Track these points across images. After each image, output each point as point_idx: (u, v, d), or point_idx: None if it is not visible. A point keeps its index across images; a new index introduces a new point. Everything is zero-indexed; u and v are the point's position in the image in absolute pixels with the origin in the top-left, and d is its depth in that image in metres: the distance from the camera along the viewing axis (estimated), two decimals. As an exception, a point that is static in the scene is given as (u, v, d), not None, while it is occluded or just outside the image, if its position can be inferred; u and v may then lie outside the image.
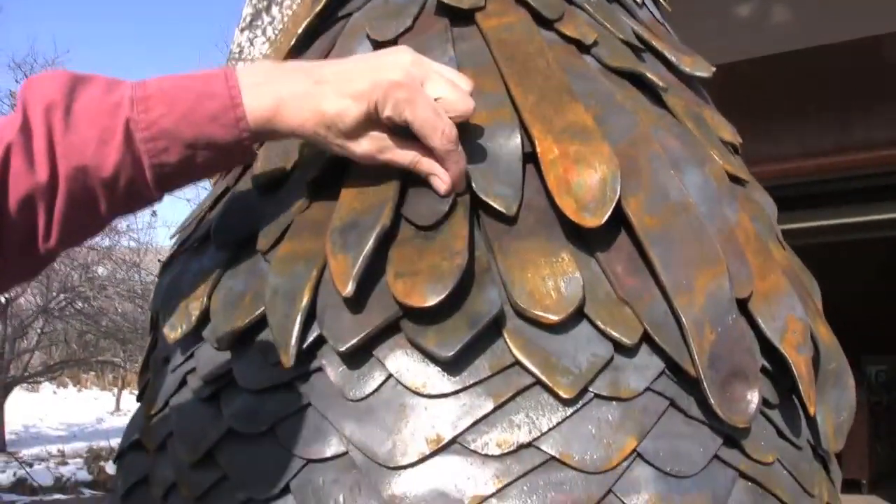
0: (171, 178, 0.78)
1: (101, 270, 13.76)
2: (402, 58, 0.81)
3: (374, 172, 0.84)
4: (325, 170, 0.88)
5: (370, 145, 0.81)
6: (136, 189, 0.77)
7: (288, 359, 0.77)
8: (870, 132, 3.57)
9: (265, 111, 0.78)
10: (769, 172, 3.55)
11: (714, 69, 1.10)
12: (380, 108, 0.79)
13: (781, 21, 3.05)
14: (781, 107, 3.69)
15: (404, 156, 0.82)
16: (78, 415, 16.37)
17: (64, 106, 0.73)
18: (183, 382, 0.90)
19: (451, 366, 0.75)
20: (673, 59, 1.07)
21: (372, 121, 0.80)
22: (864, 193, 3.90)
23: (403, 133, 0.81)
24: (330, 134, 0.80)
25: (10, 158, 0.72)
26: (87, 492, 9.73)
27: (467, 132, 0.86)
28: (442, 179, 0.81)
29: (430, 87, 0.81)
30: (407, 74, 0.79)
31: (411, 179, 0.84)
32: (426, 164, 0.82)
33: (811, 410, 0.84)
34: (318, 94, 0.79)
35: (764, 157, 3.61)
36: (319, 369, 0.79)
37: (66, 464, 11.07)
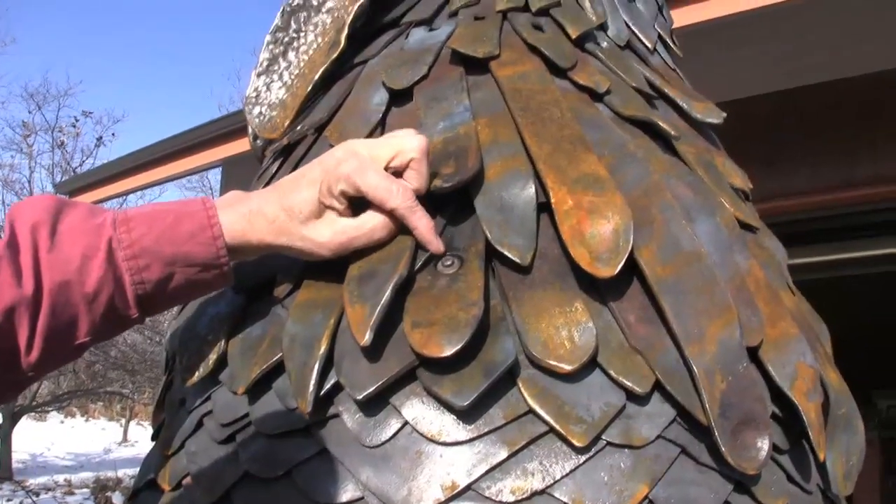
0: (151, 298, 0.81)
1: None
2: (348, 143, 0.86)
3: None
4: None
5: (337, 236, 0.84)
6: (116, 308, 0.79)
7: (305, 405, 0.78)
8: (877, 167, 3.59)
9: (239, 227, 0.82)
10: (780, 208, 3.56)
11: (725, 115, 1.11)
12: (332, 187, 0.82)
13: (791, 57, 3.07)
14: (791, 141, 3.71)
15: (373, 231, 0.84)
16: (85, 445, 16.34)
17: (50, 225, 0.76)
18: (199, 424, 0.90)
19: (467, 414, 0.75)
20: (684, 105, 1.09)
21: (329, 204, 0.84)
22: (873, 228, 3.89)
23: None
24: (294, 223, 0.83)
25: None
26: (94, 522, 9.70)
27: (482, 182, 0.87)
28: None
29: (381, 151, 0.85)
30: (353, 151, 0.83)
31: None
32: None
33: (821, 456, 0.84)
34: (278, 194, 0.84)
35: (774, 193, 3.61)
36: (336, 416, 0.79)
37: (72, 493, 11.02)
